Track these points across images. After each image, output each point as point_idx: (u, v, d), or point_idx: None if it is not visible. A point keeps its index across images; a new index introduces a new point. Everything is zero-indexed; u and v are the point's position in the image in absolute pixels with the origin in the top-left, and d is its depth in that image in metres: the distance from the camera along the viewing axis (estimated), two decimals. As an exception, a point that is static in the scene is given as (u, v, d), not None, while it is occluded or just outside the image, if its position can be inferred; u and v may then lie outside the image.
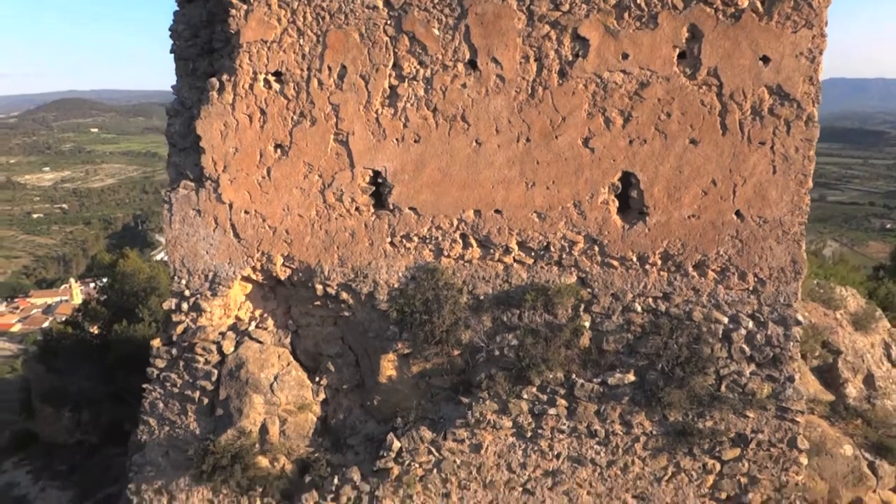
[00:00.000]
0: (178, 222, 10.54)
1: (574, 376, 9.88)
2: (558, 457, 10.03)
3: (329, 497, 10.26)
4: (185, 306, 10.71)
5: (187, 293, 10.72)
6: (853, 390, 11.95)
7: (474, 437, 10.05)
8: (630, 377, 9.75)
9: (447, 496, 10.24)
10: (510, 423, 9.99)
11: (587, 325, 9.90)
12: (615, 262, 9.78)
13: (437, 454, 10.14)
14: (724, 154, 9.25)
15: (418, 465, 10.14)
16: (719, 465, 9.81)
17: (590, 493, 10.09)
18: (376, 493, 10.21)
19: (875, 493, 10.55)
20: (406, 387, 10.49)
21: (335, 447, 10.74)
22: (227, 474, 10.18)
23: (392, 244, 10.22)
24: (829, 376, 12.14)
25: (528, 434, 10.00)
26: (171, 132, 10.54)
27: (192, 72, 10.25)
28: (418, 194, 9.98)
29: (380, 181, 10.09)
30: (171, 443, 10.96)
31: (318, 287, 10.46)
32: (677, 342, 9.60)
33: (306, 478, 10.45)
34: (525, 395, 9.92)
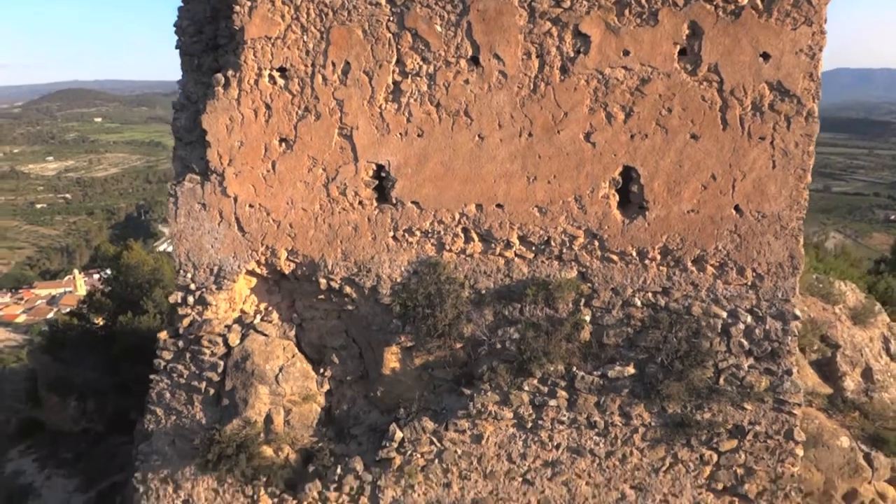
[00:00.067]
0: (184, 216, 10.61)
1: (574, 369, 10.00)
2: (558, 447, 10.18)
3: (332, 486, 10.42)
4: (190, 300, 10.81)
5: (193, 287, 10.81)
6: (851, 383, 12.07)
7: (475, 428, 10.20)
8: (630, 370, 9.87)
9: (448, 486, 10.40)
10: (511, 415, 10.13)
11: (588, 319, 10.01)
12: (615, 257, 9.87)
13: (438, 444, 10.29)
14: (724, 149, 9.32)
15: (420, 455, 10.30)
16: (716, 456, 9.95)
17: (588, 484, 10.24)
18: (378, 483, 10.37)
19: (871, 484, 10.68)
20: (409, 378, 10.62)
21: (339, 437, 10.89)
22: (232, 463, 10.32)
23: (395, 238, 10.30)
24: (827, 370, 12.27)
25: (529, 425, 10.15)
26: (177, 126, 10.61)
27: (198, 67, 10.31)
28: (421, 188, 10.05)
29: (383, 175, 10.16)
30: (177, 432, 11.10)
31: (322, 281, 10.56)
32: (676, 336, 9.70)
33: (310, 467, 10.60)
34: (526, 387, 10.05)
